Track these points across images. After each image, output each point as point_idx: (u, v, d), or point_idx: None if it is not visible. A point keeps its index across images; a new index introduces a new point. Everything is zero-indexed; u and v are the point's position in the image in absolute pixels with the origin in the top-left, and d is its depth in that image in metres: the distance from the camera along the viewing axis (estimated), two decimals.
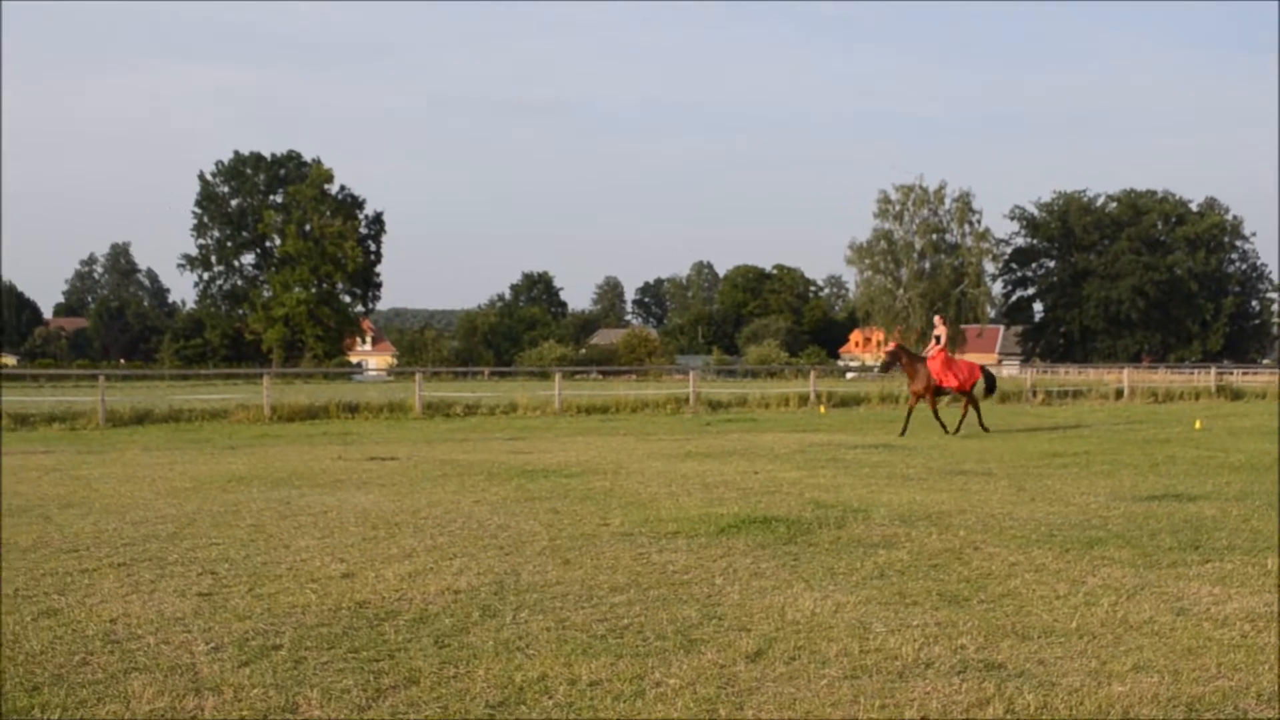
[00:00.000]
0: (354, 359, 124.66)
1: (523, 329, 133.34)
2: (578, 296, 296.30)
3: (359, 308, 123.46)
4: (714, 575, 8.25)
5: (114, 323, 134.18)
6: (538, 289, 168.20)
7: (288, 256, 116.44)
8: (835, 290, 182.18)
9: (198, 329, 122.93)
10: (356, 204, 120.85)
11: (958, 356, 31.54)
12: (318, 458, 18.68)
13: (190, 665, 5.94)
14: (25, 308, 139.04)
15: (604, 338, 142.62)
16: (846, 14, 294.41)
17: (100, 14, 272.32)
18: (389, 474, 15.70)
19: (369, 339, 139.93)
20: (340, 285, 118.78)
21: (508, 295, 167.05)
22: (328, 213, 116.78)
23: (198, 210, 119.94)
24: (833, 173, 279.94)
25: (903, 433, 23.50)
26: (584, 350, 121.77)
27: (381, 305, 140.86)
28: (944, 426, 24.10)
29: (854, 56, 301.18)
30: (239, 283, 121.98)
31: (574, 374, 62.57)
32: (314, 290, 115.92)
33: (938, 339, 24.78)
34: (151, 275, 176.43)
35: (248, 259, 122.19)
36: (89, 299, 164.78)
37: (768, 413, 35.09)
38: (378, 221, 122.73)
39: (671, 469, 16.20)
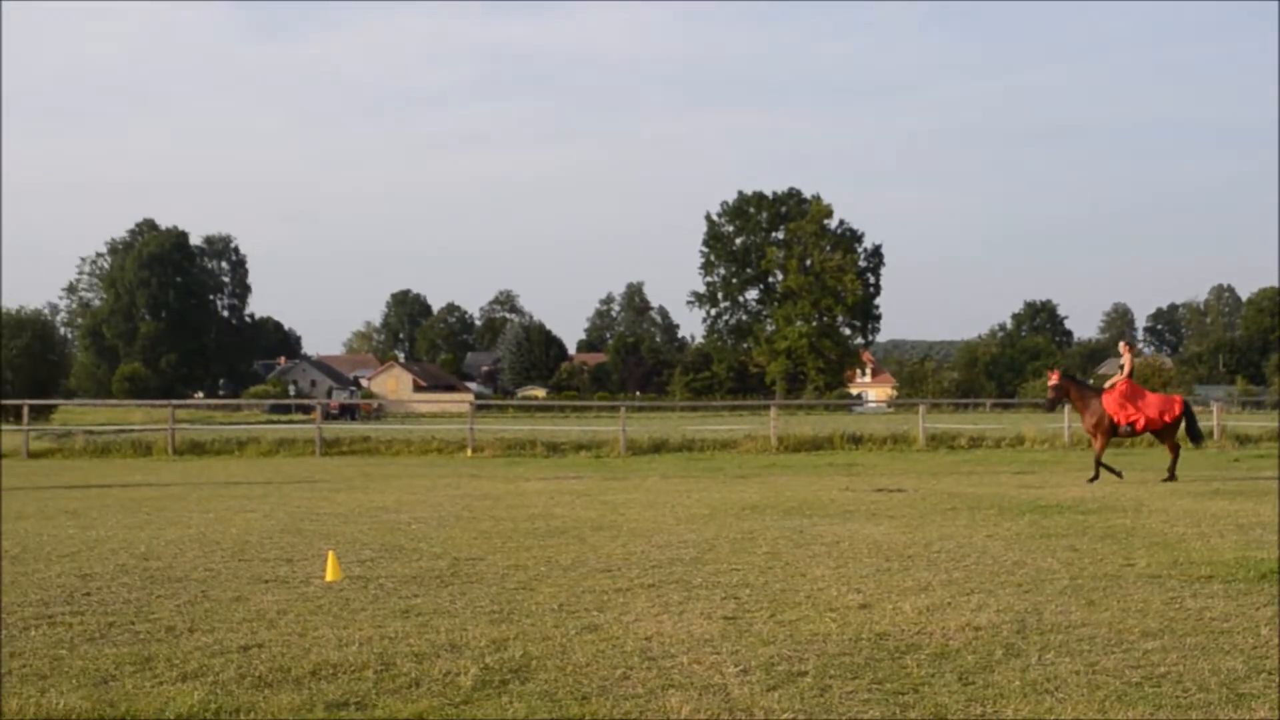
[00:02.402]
0: (854, 390, 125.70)
1: (1025, 359, 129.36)
2: (1084, 324, 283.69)
3: (859, 340, 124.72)
4: (1258, 625, 7.62)
5: (630, 357, 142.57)
6: (1040, 317, 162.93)
7: (789, 291, 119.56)
8: None
9: (705, 362, 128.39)
10: (855, 237, 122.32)
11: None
12: (825, 488, 18.96)
13: (722, 686, 6.18)
14: (552, 345, 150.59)
15: (1113, 368, 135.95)
16: None
17: (621, 67, 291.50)
18: (897, 506, 15.68)
19: (868, 370, 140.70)
20: (840, 318, 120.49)
21: (1009, 324, 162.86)
22: (828, 247, 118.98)
23: (704, 249, 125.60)
24: None
25: (1093, 478, 19.62)
26: (1092, 380, 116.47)
27: (880, 337, 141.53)
28: (1111, 470, 19.94)
29: None
30: (743, 318, 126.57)
31: None
32: (815, 323, 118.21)
33: (1121, 368, 20.96)
34: (663, 312, 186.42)
35: (751, 294, 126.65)
36: (607, 335, 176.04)
37: None
38: (876, 254, 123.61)
39: (1198, 507, 15.14)
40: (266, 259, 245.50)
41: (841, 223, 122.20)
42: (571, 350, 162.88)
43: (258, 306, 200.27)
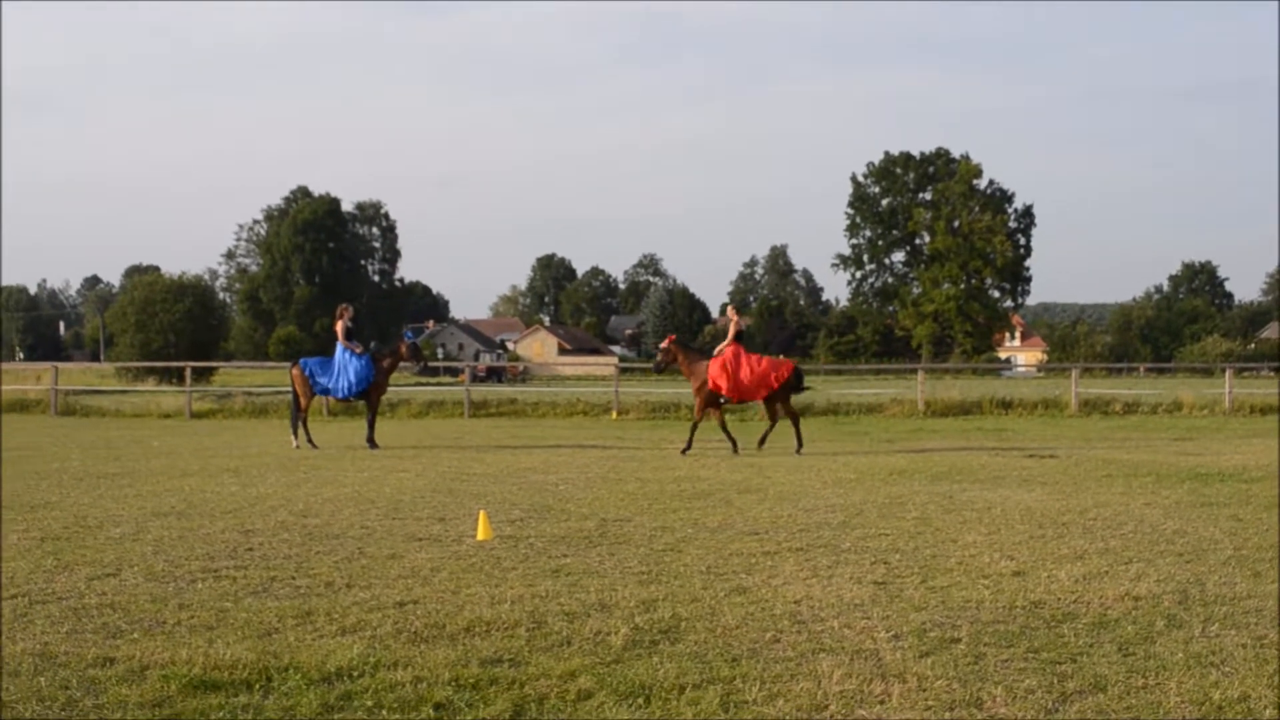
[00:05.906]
0: (1003, 354, 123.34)
1: (1183, 322, 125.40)
2: (1245, 286, 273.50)
3: (1008, 303, 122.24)
4: None
5: (773, 320, 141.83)
6: (1199, 280, 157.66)
7: (937, 253, 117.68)
8: None
9: (850, 326, 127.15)
10: (1006, 198, 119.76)
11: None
12: (974, 453, 18.65)
13: (873, 651, 6.12)
14: (696, 308, 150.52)
15: (1276, 331, 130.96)
16: None
17: (766, 29, 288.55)
18: (1049, 472, 15.35)
19: (1018, 334, 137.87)
20: (989, 280, 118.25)
21: (1166, 287, 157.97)
22: (976, 208, 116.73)
23: (850, 211, 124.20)
24: None
25: (685, 450, 19.03)
26: (1254, 345, 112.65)
27: (1030, 300, 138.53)
28: (732, 442, 19.32)
29: None
30: (889, 280, 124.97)
31: (1243, 370, 57.81)
32: (963, 286, 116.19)
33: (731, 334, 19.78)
34: (807, 275, 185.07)
35: (897, 257, 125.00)
36: (750, 299, 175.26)
37: None
38: (1027, 215, 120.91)
39: None
40: (416, 225, 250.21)
41: (991, 183, 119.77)
42: (715, 314, 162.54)
43: (407, 271, 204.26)
